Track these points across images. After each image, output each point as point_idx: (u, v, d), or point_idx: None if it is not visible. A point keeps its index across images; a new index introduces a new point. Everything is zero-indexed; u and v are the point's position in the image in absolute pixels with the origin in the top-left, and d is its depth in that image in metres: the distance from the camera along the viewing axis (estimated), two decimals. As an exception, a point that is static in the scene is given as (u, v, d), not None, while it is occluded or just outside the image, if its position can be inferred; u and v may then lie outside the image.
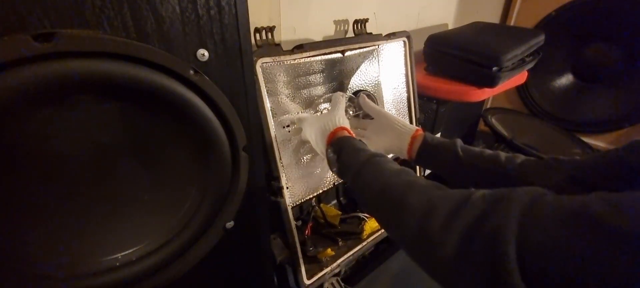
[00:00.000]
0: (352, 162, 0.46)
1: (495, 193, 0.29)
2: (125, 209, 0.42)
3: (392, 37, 0.77)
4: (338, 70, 0.70)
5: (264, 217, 0.57)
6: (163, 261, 0.44)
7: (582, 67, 1.32)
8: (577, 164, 0.42)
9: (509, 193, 0.27)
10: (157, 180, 0.43)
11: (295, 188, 0.67)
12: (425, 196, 0.33)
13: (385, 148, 0.61)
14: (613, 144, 1.30)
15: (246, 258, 0.58)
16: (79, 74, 0.31)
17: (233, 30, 0.40)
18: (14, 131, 0.32)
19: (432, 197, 0.33)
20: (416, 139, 0.57)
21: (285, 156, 0.63)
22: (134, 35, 0.33)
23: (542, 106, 1.38)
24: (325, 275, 0.69)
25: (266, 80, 0.58)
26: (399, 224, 0.35)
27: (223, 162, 0.45)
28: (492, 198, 0.28)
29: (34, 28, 0.28)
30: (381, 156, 0.46)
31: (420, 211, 0.32)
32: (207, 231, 0.48)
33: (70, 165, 0.36)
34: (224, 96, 0.42)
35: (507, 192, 0.28)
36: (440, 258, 0.28)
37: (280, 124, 0.62)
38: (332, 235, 0.76)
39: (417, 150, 0.57)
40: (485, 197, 0.29)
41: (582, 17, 1.21)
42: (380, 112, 0.65)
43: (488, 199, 0.28)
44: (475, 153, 0.51)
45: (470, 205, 0.29)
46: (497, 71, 0.87)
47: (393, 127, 0.60)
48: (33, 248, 0.37)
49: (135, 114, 0.38)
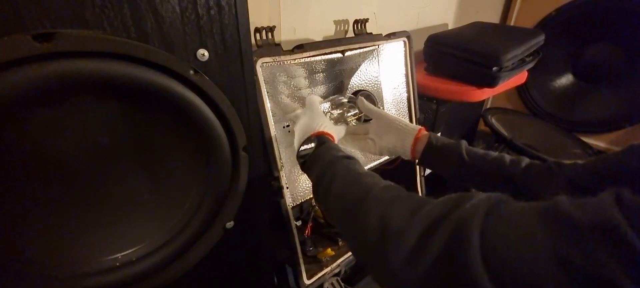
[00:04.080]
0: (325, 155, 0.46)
1: (457, 195, 0.29)
2: (125, 209, 0.42)
3: (392, 37, 0.77)
4: (338, 70, 0.70)
5: (264, 217, 0.57)
6: (163, 261, 0.44)
7: (582, 67, 1.32)
8: (578, 169, 0.41)
9: (474, 194, 0.28)
10: (157, 180, 0.43)
11: (295, 188, 0.67)
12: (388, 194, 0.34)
13: (389, 149, 0.60)
14: (613, 143, 1.31)
15: (246, 258, 0.58)
16: (79, 74, 0.31)
17: (233, 30, 0.40)
18: (14, 131, 0.32)
19: (394, 197, 0.33)
20: (420, 140, 0.56)
21: (285, 156, 0.63)
22: (134, 35, 0.33)
23: (542, 106, 1.38)
24: (325, 275, 0.69)
25: (266, 80, 0.58)
26: (356, 227, 0.35)
27: (223, 162, 0.45)
28: (457, 197, 0.29)
29: (34, 28, 0.28)
30: (350, 158, 0.45)
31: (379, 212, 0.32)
32: (207, 231, 0.48)
33: (70, 165, 0.36)
34: (224, 96, 0.42)
35: (472, 194, 0.28)
36: (394, 260, 0.28)
37: (280, 124, 0.62)
38: (332, 235, 0.76)
39: (421, 151, 0.56)
40: (449, 197, 0.29)
41: (582, 17, 1.21)
42: (379, 113, 0.64)
43: (453, 198, 0.29)
44: (479, 155, 0.50)
45: (433, 204, 0.29)
46: (497, 71, 0.87)
47: (395, 127, 0.60)
48: (33, 248, 0.37)
49: (135, 114, 0.38)
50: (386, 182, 0.38)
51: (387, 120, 0.61)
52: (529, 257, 0.21)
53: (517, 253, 0.22)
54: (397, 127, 0.59)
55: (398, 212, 0.31)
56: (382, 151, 0.61)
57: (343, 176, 0.41)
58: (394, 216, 0.31)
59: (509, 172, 0.47)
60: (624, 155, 0.36)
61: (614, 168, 0.37)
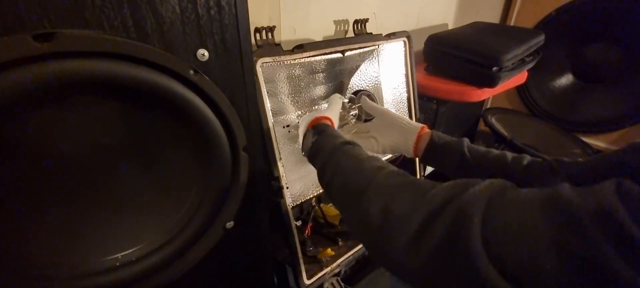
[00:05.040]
0: (326, 144, 0.46)
1: (462, 181, 0.29)
2: (126, 209, 0.42)
3: (392, 37, 0.77)
4: (338, 70, 0.70)
5: (264, 217, 0.57)
6: (163, 261, 0.44)
7: (582, 67, 1.32)
8: (579, 166, 0.42)
9: (476, 181, 0.28)
10: (157, 180, 0.43)
11: (295, 188, 0.67)
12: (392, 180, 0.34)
13: (391, 146, 0.61)
14: (613, 143, 1.31)
15: (246, 258, 0.58)
16: (79, 74, 0.31)
17: (233, 30, 0.40)
18: (14, 131, 0.32)
19: (398, 183, 0.33)
20: (422, 138, 0.57)
21: (285, 156, 0.63)
22: (134, 35, 0.33)
23: (542, 106, 1.38)
24: (325, 275, 0.69)
25: (266, 80, 0.58)
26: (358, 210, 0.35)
27: (223, 162, 0.45)
28: (461, 182, 0.29)
29: (34, 28, 0.28)
30: (354, 144, 0.45)
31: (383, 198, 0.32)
32: (207, 231, 0.48)
33: (71, 165, 0.36)
34: (224, 96, 0.42)
35: (475, 180, 0.28)
36: (397, 244, 0.28)
37: (280, 124, 0.62)
38: (332, 235, 0.76)
39: (424, 149, 0.56)
40: (454, 183, 0.29)
41: (582, 17, 1.21)
42: (383, 110, 0.65)
43: (458, 183, 0.29)
44: (481, 153, 0.51)
45: (437, 189, 0.30)
46: (497, 71, 0.87)
47: (398, 124, 0.60)
48: (33, 249, 0.37)
49: (135, 114, 0.38)
50: (389, 168, 0.38)
51: (391, 118, 0.61)
52: (530, 243, 0.21)
53: (518, 239, 0.22)
54: (400, 125, 0.59)
55: (402, 197, 0.31)
56: (385, 149, 0.61)
57: (345, 164, 0.41)
58: (398, 201, 0.31)
59: (510, 170, 0.47)
60: (624, 153, 0.36)
61: (615, 166, 0.37)
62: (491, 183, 0.27)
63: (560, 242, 0.20)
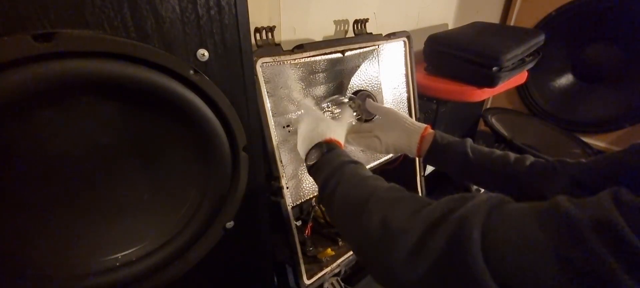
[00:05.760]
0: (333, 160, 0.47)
1: (459, 195, 0.30)
2: (125, 209, 0.42)
3: (392, 37, 0.77)
4: (338, 70, 0.70)
5: (264, 217, 0.57)
6: (163, 261, 0.44)
7: (582, 67, 1.32)
8: (581, 167, 0.42)
9: (475, 194, 0.28)
10: (157, 180, 0.43)
11: (295, 188, 0.67)
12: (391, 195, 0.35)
13: (394, 146, 0.61)
14: (613, 144, 1.31)
15: (246, 258, 0.58)
16: (79, 74, 0.31)
17: (233, 30, 0.40)
18: (14, 131, 0.32)
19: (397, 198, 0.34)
20: (426, 138, 0.57)
21: (285, 156, 0.63)
22: (134, 35, 0.33)
23: (542, 106, 1.38)
24: (325, 275, 0.69)
25: (266, 80, 0.58)
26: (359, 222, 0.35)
27: (223, 162, 0.45)
28: (458, 197, 0.29)
29: (34, 28, 0.28)
30: (359, 163, 0.46)
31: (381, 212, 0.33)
32: (207, 231, 0.48)
33: (70, 165, 0.36)
34: (224, 96, 0.42)
35: (473, 194, 0.29)
36: (396, 256, 0.28)
37: (280, 124, 0.62)
38: (332, 235, 0.76)
39: (427, 150, 0.56)
40: (451, 198, 0.30)
41: (582, 17, 1.21)
42: (387, 110, 0.64)
43: (454, 198, 0.29)
44: (484, 153, 0.51)
45: (435, 204, 0.30)
46: (497, 71, 0.87)
47: (401, 124, 0.60)
48: (33, 249, 0.37)
49: (135, 114, 0.38)
50: (390, 184, 0.38)
51: (395, 118, 0.61)
52: (530, 256, 0.22)
53: (518, 252, 0.22)
54: (404, 125, 0.60)
55: (400, 211, 0.31)
56: (388, 149, 0.61)
57: (349, 179, 0.42)
58: (396, 215, 0.31)
59: (513, 170, 0.47)
60: (626, 153, 0.36)
61: (617, 167, 0.37)
62: (489, 197, 0.27)
63: (562, 254, 0.20)
